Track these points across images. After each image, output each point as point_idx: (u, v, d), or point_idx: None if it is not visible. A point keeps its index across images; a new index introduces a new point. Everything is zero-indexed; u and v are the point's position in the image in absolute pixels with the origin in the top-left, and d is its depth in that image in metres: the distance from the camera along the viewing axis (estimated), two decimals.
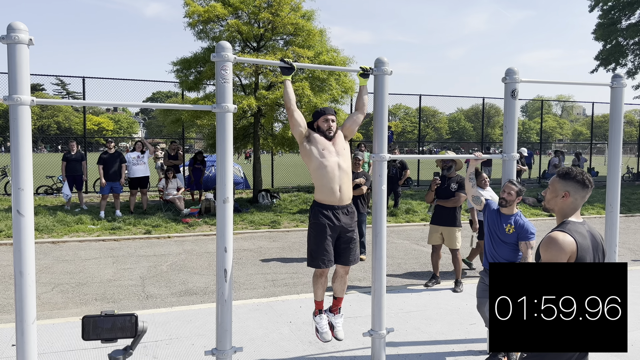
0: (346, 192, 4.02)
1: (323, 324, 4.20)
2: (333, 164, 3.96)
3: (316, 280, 4.14)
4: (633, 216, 13.89)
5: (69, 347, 4.62)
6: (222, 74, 3.26)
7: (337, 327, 4.23)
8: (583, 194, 2.51)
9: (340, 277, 4.22)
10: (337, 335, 4.21)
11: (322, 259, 3.96)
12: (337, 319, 4.27)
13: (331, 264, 4.02)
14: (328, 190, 3.95)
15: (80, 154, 13.06)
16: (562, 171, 2.57)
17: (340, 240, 4.06)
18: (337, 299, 4.30)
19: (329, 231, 3.96)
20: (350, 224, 4.06)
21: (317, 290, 4.17)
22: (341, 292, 4.27)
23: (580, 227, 2.46)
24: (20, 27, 2.75)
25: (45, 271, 7.47)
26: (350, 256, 4.11)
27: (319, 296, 4.20)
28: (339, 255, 4.09)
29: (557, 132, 74.49)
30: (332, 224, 3.96)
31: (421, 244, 9.73)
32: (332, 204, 3.97)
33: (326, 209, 3.97)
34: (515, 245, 4.32)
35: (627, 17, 25.14)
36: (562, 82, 4.81)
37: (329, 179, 3.94)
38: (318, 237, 3.97)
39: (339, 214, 3.99)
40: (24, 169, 2.80)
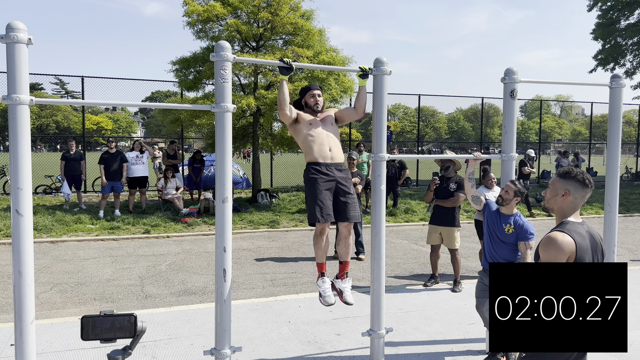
0: (336, 152, 4.06)
1: (326, 287, 4.12)
2: (320, 132, 4.03)
3: (317, 241, 4.08)
4: (632, 216, 13.91)
5: (68, 347, 4.61)
6: (222, 74, 3.25)
7: (345, 291, 4.15)
8: (583, 193, 2.51)
9: (343, 238, 4.17)
10: (346, 299, 4.14)
11: (320, 212, 3.91)
12: (345, 284, 4.19)
13: (330, 218, 3.95)
14: (318, 150, 4.00)
15: (79, 154, 13.05)
16: (562, 170, 2.57)
17: (337, 195, 4.04)
18: (343, 264, 4.23)
19: (323, 184, 3.96)
20: (344, 178, 4.07)
21: (317, 251, 4.11)
22: (346, 255, 4.21)
23: (580, 228, 2.46)
24: (19, 26, 2.75)
25: (44, 271, 7.46)
26: (350, 211, 4.06)
27: (319, 257, 4.13)
28: (339, 212, 4.04)
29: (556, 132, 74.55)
30: (325, 176, 3.97)
31: (420, 244, 9.74)
32: (324, 161, 4.01)
33: (319, 165, 4.00)
34: (514, 245, 4.32)
35: (626, 17, 25.17)
36: (561, 82, 4.82)
37: (318, 143, 4.01)
38: (314, 191, 3.96)
39: (331, 169, 4.01)
40: (22, 168, 2.80)
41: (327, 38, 13.66)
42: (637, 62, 26.04)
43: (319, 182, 3.95)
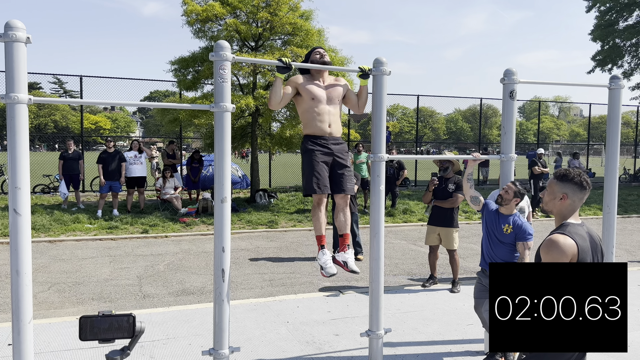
0: (335, 127, 4.05)
1: (326, 259, 4.12)
2: (322, 109, 4.00)
3: (315, 213, 4.09)
4: (629, 217, 13.93)
5: (66, 347, 4.60)
6: (221, 74, 3.25)
7: (349, 262, 4.16)
8: (581, 195, 2.50)
9: (341, 210, 4.17)
10: (352, 268, 4.14)
11: (317, 183, 3.93)
12: (347, 255, 4.19)
13: (327, 189, 3.98)
14: (317, 123, 3.99)
15: (78, 153, 13.03)
16: (559, 173, 2.56)
17: (334, 168, 4.05)
18: (343, 236, 4.23)
19: (320, 156, 3.97)
20: (341, 150, 4.08)
21: (316, 222, 4.12)
22: (345, 227, 4.21)
23: (580, 229, 2.45)
24: (17, 25, 2.74)
25: (41, 270, 7.45)
26: (347, 184, 4.09)
27: (318, 229, 4.13)
28: (335, 184, 4.06)
29: (555, 133, 74.67)
30: (322, 148, 3.98)
31: (418, 244, 9.74)
32: (322, 135, 4.01)
33: (316, 138, 4.00)
34: (513, 245, 4.33)
35: (625, 19, 25.23)
36: (560, 83, 4.82)
37: (318, 116, 3.99)
38: (310, 162, 3.97)
39: (329, 143, 4.01)
40: (21, 167, 2.79)
41: (326, 38, 13.67)
42: (635, 63, 26.11)
43: (316, 154, 3.97)
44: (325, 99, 4.03)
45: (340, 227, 4.22)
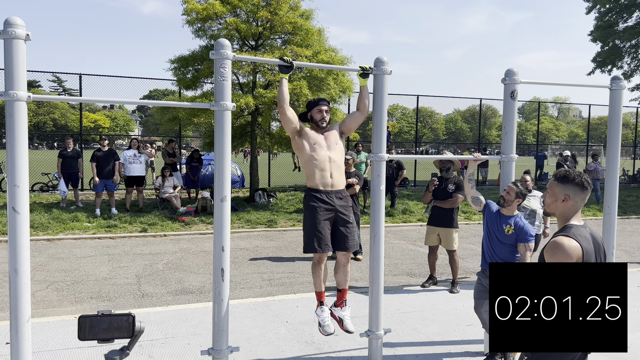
0: (338, 179, 4.02)
1: (324, 316, 4.10)
2: (324, 157, 3.97)
3: (315, 269, 4.07)
4: (629, 218, 13.93)
5: (64, 346, 4.58)
6: (221, 72, 3.23)
7: (345, 319, 4.13)
8: (583, 196, 2.50)
9: (342, 266, 4.13)
10: (347, 327, 4.11)
11: (318, 242, 3.89)
12: (344, 312, 4.17)
13: (328, 248, 3.94)
14: (320, 177, 3.96)
15: (77, 151, 13.00)
16: (559, 174, 2.55)
17: (336, 224, 4.01)
18: (342, 291, 4.20)
19: (323, 213, 3.93)
20: (344, 206, 4.03)
21: (316, 279, 4.09)
22: (344, 282, 4.18)
23: (584, 231, 2.44)
24: (17, 22, 2.72)
25: (40, 269, 7.42)
26: (349, 241, 4.04)
27: (318, 286, 4.11)
28: (337, 241, 4.02)
29: (554, 134, 74.73)
30: (325, 205, 3.94)
31: (418, 245, 9.73)
32: (325, 188, 3.97)
33: (319, 193, 3.96)
34: (514, 246, 4.32)
35: (625, 20, 25.24)
36: (561, 83, 4.81)
37: (320, 168, 3.96)
38: (312, 219, 3.93)
39: (332, 197, 3.98)
40: (19, 165, 2.77)
41: (326, 38, 13.65)
42: (634, 64, 26.11)
43: (319, 212, 3.92)
44: (325, 145, 4.01)
45: (340, 282, 4.19)
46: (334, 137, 4.09)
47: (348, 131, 4.23)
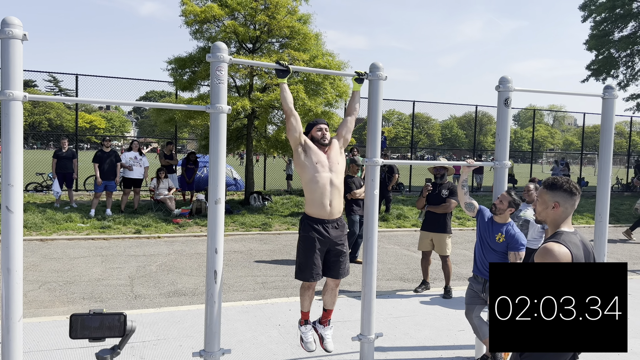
0: (336, 207, 4.05)
1: (308, 334, 4.22)
2: (325, 179, 3.96)
3: (303, 292, 4.16)
4: (621, 226, 14.00)
5: (56, 346, 4.57)
6: (217, 75, 3.25)
7: (326, 339, 4.23)
8: (572, 202, 2.53)
9: (330, 289, 4.21)
10: (326, 347, 4.21)
11: (310, 273, 3.97)
12: (327, 331, 4.26)
13: (319, 277, 4.02)
14: (319, 204, 3.97)
15: (72, 152, 12.97)
16: (548, 182, 2.58)
17: (330, 253, 4.07)
18: (327, 311, 4.29)
19: (318, 245, 3.97)
20: (340, 237, 4.07)
21: (303, 301, 4.19)
22: (331, 304, 4.27)
23: (574, 237, 2.47)
24: (14, 22, 2.73)
25: (32, 269, 7.40)
26: (341, 269, 4.11)
27: (305, 307, 4.22)
28: (329, 269, 4.09)
29: (549, 142, 75.02)
30: (321, 237, 3.97)
31: (411, 250, 9.75)
32: (322, 217, 3.99)
33: (316, 223, 3.98)
34: (504, 254, 4.33)
35: (620, 30, 25.44)
36: (555, 92, 4.85)
37: (320, 194, 3.95)
38: (307, 250, 3.98)
39: (328, 227, 4.00)
40: (14, 165, 2.78)
41: (323, 42, 13.70)
42: (629, 74, 26.30)
43: (315, 244, 3.97)
44: (328, 165, 4.00)
45: (327, 303, 4.27)
46: (336, 154, 4.09)
47: (345, 142, 4.23)
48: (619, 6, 24.08)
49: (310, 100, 11.96)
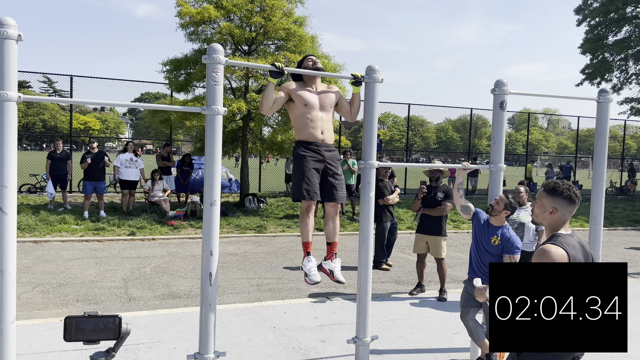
0: (328, 136, 4.01)
1: (311, 266, 4.04)
2: (315, 116, 3.94)
3: (303, 218, 4.03)
4: (615, 229, 14.08)
5: (49, 349, 4.54)
6: (213, 76, 3.24)
7: (335, 270, 4.08)
8: (571, 209, 2.51)
9: (331, 218, 4.11)
10: (337, 278, 4.06)
11: (306, 189, 3.86)
12: (335, 264, 4.11)
13: (317, 196, 3.91)
14: (310, 130, 3.93)
15: (66, 153, 12.91)
16: (549, 186, 2.55)
17: (325, 175, 4.00)
18: (331, 244, 4.16)
19: (312, 162, 3.90)
20: (333, 158, 4.02)
21: (303, 228, 4.05)
22: (333, 235, 4.14)
23: (571, 240, 2.46)
24: (9, 22, 2.72)
25: (25, 271, 7.35)
26: (338, 192, 4.02)
27: (305, 236, 4.07)
28: (326, 192, 4.00)
29: (543, 145, 75.35)
30: (315, 155, 3.92)
31: (407, 252, 9.76)
32: (315, 141, 3.95)
33: (309, 144, 3.94)
34: (500, 257, 4.34)
35: (614, 34, 25.61)
36: (549, 95, 4.87)
37: (311, 126, 3.93)
38: (301, 168, 3.90)
39: (321, 149, 3.96)
40: (8, 166, 2.76)
41: (319, 45, 13.71)
42: (624, 77, 26.47)
43: (308, 160, 3.90)
44: (318, 105, 3.97)
45: (329, 235, 4.16)
46: (330, 100, 4.03)
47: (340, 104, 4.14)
48: (613, 10, 24.25)
49: None
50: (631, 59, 25.76)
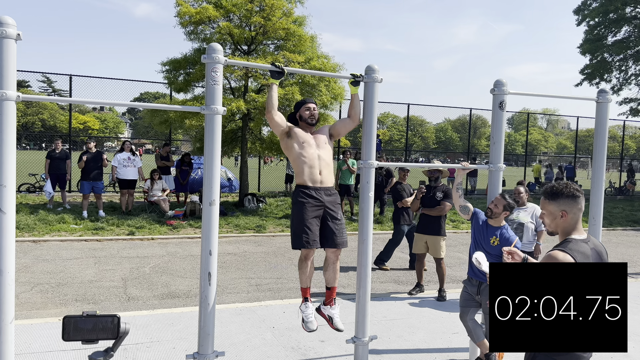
0: (327, 177, 4.01)
1: (308, 312, 4.06)
2: (312, 154, 3.96)
3: (301, 265, 4.02)
4: (614, 230, 14.09)
5: (48, 348, 4.54)
6: (213, 76, 3.24)
7: (334, 318, 4.10)
8: (578, 205, 2.46)
9: (331, 264, 4.10)
10: (336, 326, 4.07)
11: (305, 238, 3.85)
12: (334, 310, 4.12)
13: (316, 244, 3.90)
14: (308, 174, 3.95)
15: (65, 153, 12.90)
16: (547, 191, 2.49)
17: (325, 220, 3.98)
18: (331, 289, 4.18)
19: (311, 209, 3.89)
20: (333, 202, 4.02)
21: (302, 275, 4.06)
22: (333, 280, 4.15)
23: (583, 246, 2.39)
24: (8, 21, 2.72)
25: (24, 270, 7.34)
26: (338, 237, 4.00)
27: (304, 282, 4.08)
28: (326, 238, 3.98)
29: (542, 145, 75.40)
30: (314, 202, 3.91)
31: (406, 252, 9.74)
32: (314, 185, 3.96)
33: (308, 189, 3.94)
34: (499, 257, 4.32)
35: (614, 34, 25.63)
36: (548, 95, 4.88)
37: (309, 165, 3.95)
38: (301, 215, 3.89)
39: (321, 194, 3.96)
40: (7, 165, 2.75)
41: (319, 45, 13.71)
42: (623, 78, 26.49)
43: (307, 208, 3.89)
44: (314, 143, 4.01)
45: (329, 280, 4.17)
46: (323, 138, 4.09)
47: (337, 135, 4.23)
48: (612, 11, 24.28)
49: None
50: (630, 59, 25.79)
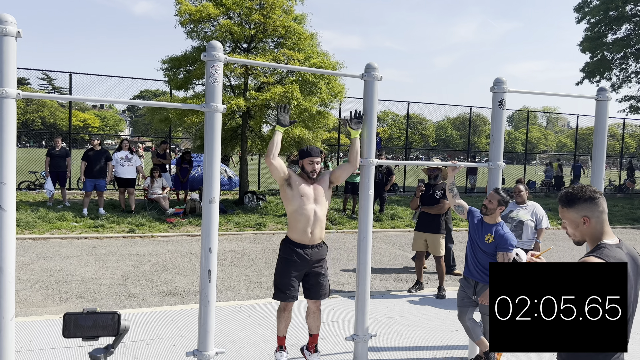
0: (317, 234, 4.08)
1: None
2: (309, 211, 4.00)
3: (279, 315, 4.18)
4: (614, 228, 14.10)
5: (48, 345, 4.55)
6: (212, 74, 3.24)
7: None
8: (600, 207, 2.35)
9: (312, 313, 4.23)
10: None
11: (287, 294, 4.03)
12: (314, 358, 4.25)
13: (295, 299, 4.07)
14: (301, 232, 4.02)
15: (65, 150, 12.90)
16: (563, 198, 2.36)
17: (309, 275, 4.11)
18: (313, 336, 4.30)
19: (297, 267, 4.03)
20: (319, 259, 4.10)
21: (279, 324, 4.20)
22: (316, 328, 4.28)
23: (618, 252, 2.29)
24: (8, 19, 2.72)
25: (24, 268, 7.35)
26: (320, 290, 4.14)
27: (280, 331, 4.22)
28: (309, 291, 4.13)
29: (542, 143, 75.40)
30: (300, 260, 4.02)
31: (405, 250, 9.77)
32: (303, 242, 4.05)
33: (297, 247, 4.04)
34: (494, 255, 4.32)
35: (614, 32, 25.61)
36: (548, 93, 4.88)
37: (303, 224, 4.01)
38: (285, 271, 4.04)
39: (309, 252, 4.05)
40: (7, 163, 2.76)
41: (319, 42, 13.69)
42: (623, 76, 26.47)
43: (293, 266, 4.03)
44: (313, 197, 4.02)
45: (311, 327, 4.29)
46: (323, 188, 4.08)
47: (337, 181, 4.23)
48: (612, 9, 24.25)
49: (305, 99, 11.95)
50: (631, 57, 25.78)
